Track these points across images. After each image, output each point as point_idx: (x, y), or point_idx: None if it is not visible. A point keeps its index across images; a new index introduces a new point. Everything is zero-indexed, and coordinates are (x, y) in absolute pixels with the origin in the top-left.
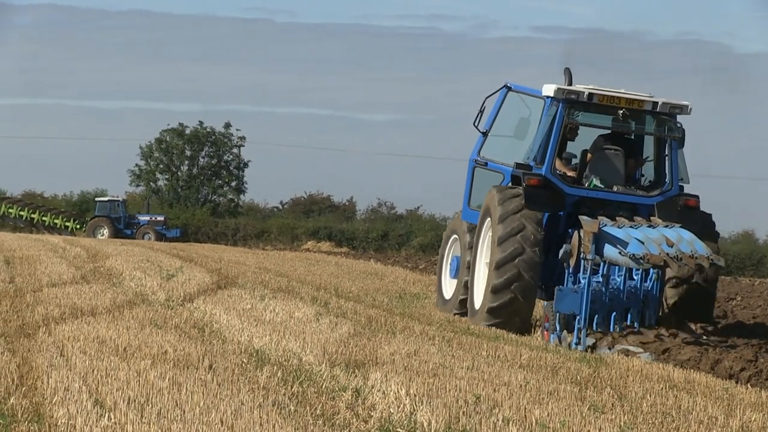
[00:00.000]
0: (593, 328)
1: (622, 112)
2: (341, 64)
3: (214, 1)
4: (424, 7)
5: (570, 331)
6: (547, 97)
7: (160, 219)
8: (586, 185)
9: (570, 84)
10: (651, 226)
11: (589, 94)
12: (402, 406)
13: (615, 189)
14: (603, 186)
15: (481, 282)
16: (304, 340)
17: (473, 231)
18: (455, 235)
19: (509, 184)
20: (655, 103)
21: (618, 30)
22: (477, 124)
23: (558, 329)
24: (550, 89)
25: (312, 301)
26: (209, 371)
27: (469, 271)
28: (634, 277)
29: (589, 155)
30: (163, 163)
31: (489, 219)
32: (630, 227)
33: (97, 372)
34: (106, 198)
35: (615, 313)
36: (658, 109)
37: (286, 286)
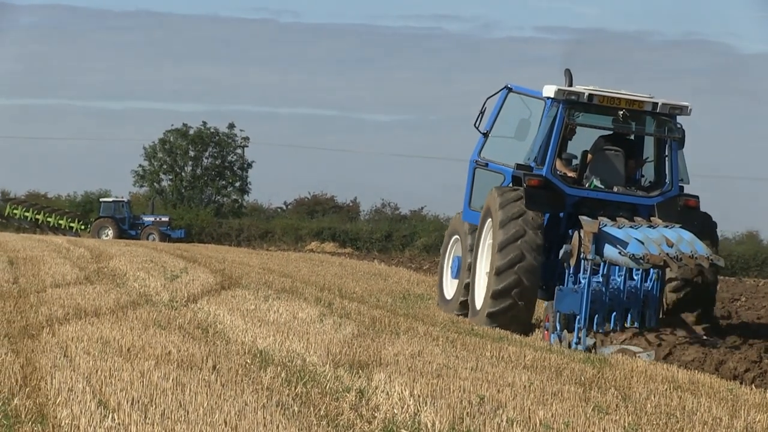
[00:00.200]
0: (593, 328)
1: (622, 113)
2: (345, 64)
3: (218, 2)
4: (428, 8)
5: (570, 331)
6: (548, 98)
7: (164, 220)
8: (586, 186)
9: (570, 85)
10: (651, 226)
11: (590, 95)
12: (406, 406)
13: (615, 189)
14: (603, 186)
15: (482, 283)
16: (307, 340)
17: (474, 232)
18: (456, 236)
19: (510, 184)
20: (655, 104)
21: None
22: (478, 125)
23: (558, 329)
24: (550, 90)
25: (316, 302)
26: (213, 372)
27: (470, 273)
28: (634, 277)
29: (590, 156)
30: (167, 164)
31: (490, 220)
32: (630, 227)
33: (101, 372)
34: (110, 199)
35: (615, 313)
36: (657, 110)
37: (290, 286)
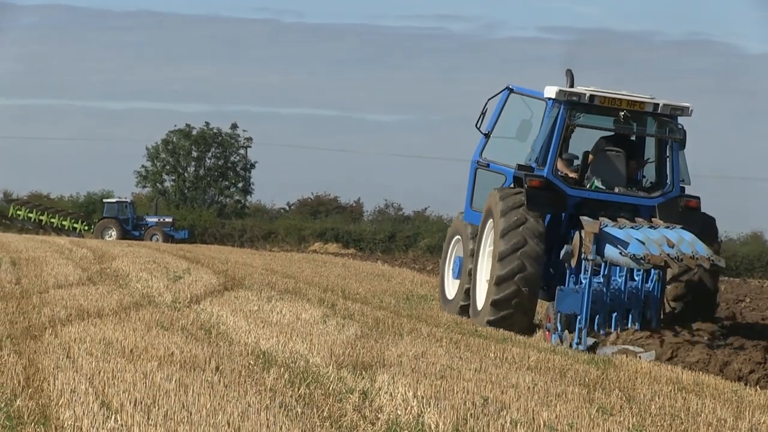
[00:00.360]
0: (594, 328)
1: (623, 113)
2: (348, 64)
3: (220, 2)
4: (431, 8)
5: (571, 332)
6: (549, 99)
7: (168, 220)
8: (587, 186)
9: (572, 86)
10: (652, 227)
11: (591, 96)
12: (409, 408)
13: (616, 190)
14: (604, 187)
15: (484, 281)
16: (311, 341)
17: (475, 232)
18: (458, 236)
19: (511, 185)
20: (656, 105)
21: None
22: (479, 125)
23: (559, 329)
24: (551, 91)
25: (319, 303)
26: (216, 373)
27: (471, 273)
28: (635, 278)
29: (591, 156)
30: (170, 164)
31: (491, 220)
32: (631, 228)
33: (104, 374)
34: (114, 199)
35: (616, 314)
36: (659, 111)
37: (293, 287)
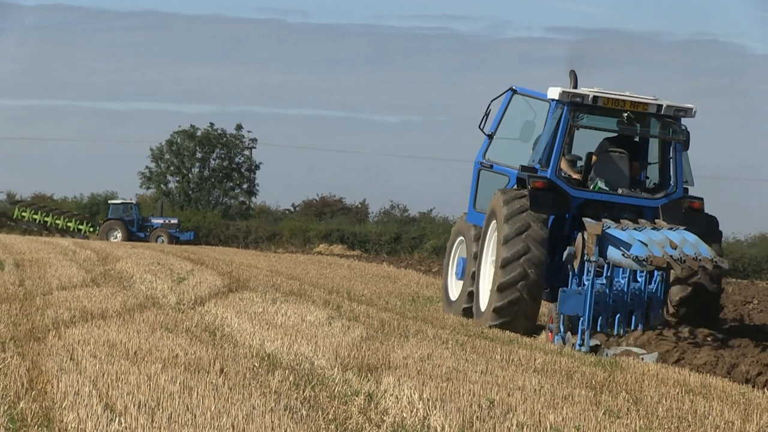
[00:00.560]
0: (597, 329)
1: (626, 115)
2: (354, 65)
3: (225, 2)
4: (437, 8)
5: (574, 333)
6: (552, 100)
7: (173, 222)
8: (590, 188)
9: (575, 86)
10: (655, 228)
11: (594, 97)
12: (415, 410)
13: (620, 191)
14: (608, 188)
15: (487, 283)
16: (316, 343)
17: (479, 233)
18: (461, 237)
19: (514, 186)
20: (660, 106)
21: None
22: (482, 126)
23: (562, 331)
24: (554, 92)
25: (324, 305)
26: (220, 375)
27: (475, 275)
28: (638, 279)
29: (594, 158)
30: (174, 166)
31: (495, 221)
32: (633, 230)
33: (108, 376)
34: (119, 201)
35: (619, 315)
36: (662, 112)
37: (297, 289)
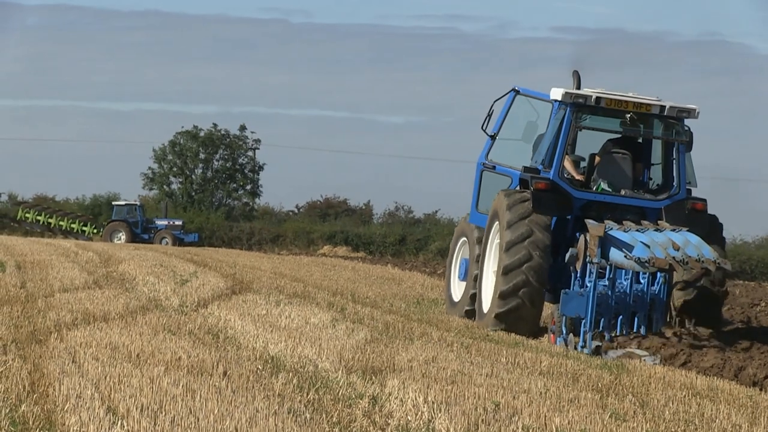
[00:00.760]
0: (599, 331)
1: (629, 115)
2: (358, 65)
3: (228, 1)
4: (442, 8)
5: (576, 335)
6: (555, 101)
7: (178, 223)
8: (593, 189)
9: (578, 87)
10: (658, 229)
11: (597, 98)
12: (420, 413)
13: (623, 192)
14: (611, 190)
15: (490, 285)
16: (320, 346)
17: (481, 234)
18: (464, 238)
19: (517, 187)
20: (663, 107)
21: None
22: (485, 127)
23: (564, 332)
24: (557, 93)
25: (328, 307)
26: (224, 378)
27: (477, 276)
28: (641, 281)
29: (597, 159)
30: (177, 166)
31: (497, 223)
32: (636, 231)
33: (110, 379)
34: (123, 202)
35: (621, 317)
36: (665, 113)
37: (301, 291)
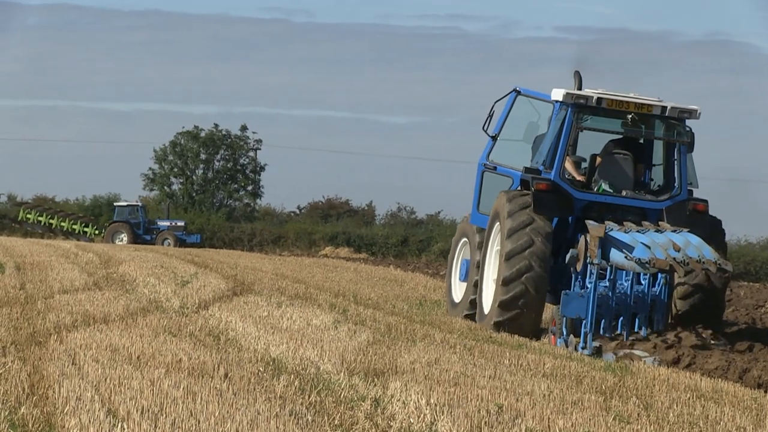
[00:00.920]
0: (600, 332)
1: (630, 116)
2: (360, 65)
3: (229, 1)
4: (445, 7)
5: (577, 336)
6: (556, 102)
7: (180, 224)
8: (594, 190)
9: (580, 88)
10: (658, 230)
11: (598, 98)
12: (422, 416)
13: (624, 193)
14: (612, 190)
15: (490, 287)
16: (322, 348)
17: (482, 235)
18: (465, 239)
19: (518, 188)
20: (664, 108)
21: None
22: (486, 128)
23: (565, 333)
24: (558, 94)
25: (330, 309)
26: (225, 380)
27: (478, 277)
28: (641, 282)
29: (598, 159)
30: (178, 167)
31: (498, 224)
32: (637, 232)
33: (110, 381)
34: (124, 203)
35: (622, 318)
36: (666, 114)
37: (303, 292)
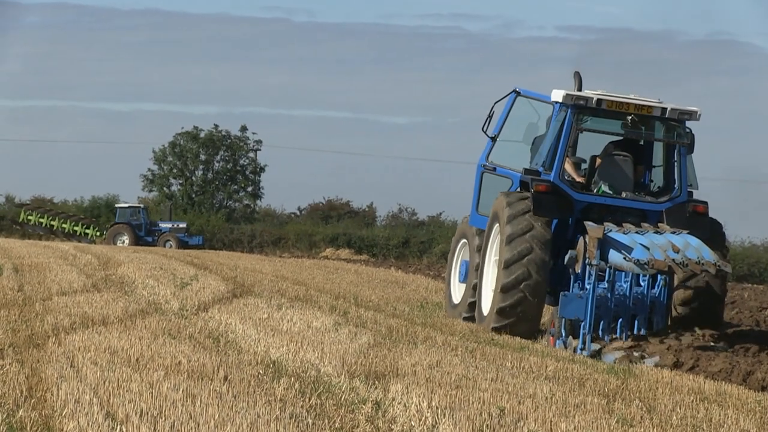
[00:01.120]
0: (599, 333)
1: (630, 118)
2: (361, 64)
3: (230, 0)
4: (446, 7)
5: (575, 337)
6: (556, 103)
7: (182, 226)
8: (594, 191)
9: (580, 89)
10: (657, 232)
11: (598, 99)
12: (423, 418)
13: (624, 195)
14: (612, 192)
15: (490, 287)
16: (322, 350)
17: (481, 236)
18: (464, 240)
19: (517, 189)
20: (664, 109)
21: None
22: (486, 129)
23: (564, 335)
24: (558, 95)
25: (330, 311)
26: (224, 383)
27: (477, 278)
28: (641, 283)
29: (598, 160)
30: (177, 168)
31: (497, 224)
32: (636, 233)
33: (109, 383)
34: (126, 204)
35: (621, 319)
36: (666, 115)
37: (303, 294)
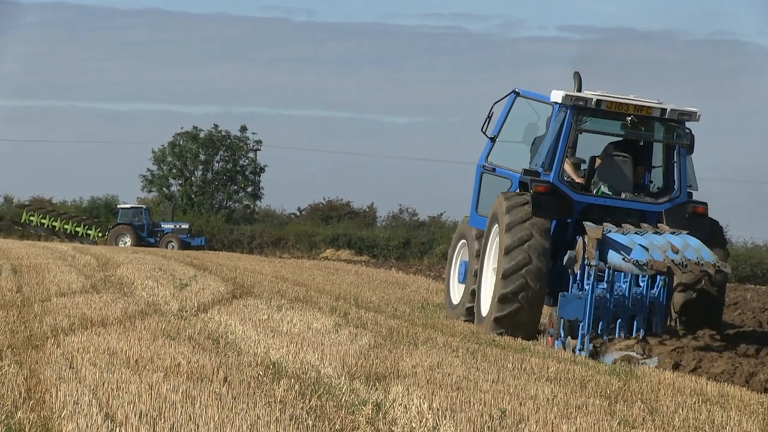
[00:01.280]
0: (598, 334)
1: (630, 118)
2: (361, 64)
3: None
4: (447, 6)
5: (574, 338)
6: (555, 103)
7: (184, 227)
8: (594, 192)
9: (579, 89)
10: (657, 232)
11: (597, 100)
12: (424, 420)
13: (623, 196)
14: (611, 193)
15: (489, 288)
16: (322, 351)
17: (481, 237)
18: (463, 240)
19: (517, 190)
20: (664, 110)
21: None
22: (485, 129)
23: (562, 335)
24: (558, 95)
25: (331, 312)
26: (224, 384)
27: (477, 278)
28: (640, 284)
29: (598, 161)
30: (177, 168)
31: (497, 226)
32: (635, 234)
33: (108, 385)
34: (128, 205)
35: (620, 320)
36: (666, 116)
37: (303, 295)
